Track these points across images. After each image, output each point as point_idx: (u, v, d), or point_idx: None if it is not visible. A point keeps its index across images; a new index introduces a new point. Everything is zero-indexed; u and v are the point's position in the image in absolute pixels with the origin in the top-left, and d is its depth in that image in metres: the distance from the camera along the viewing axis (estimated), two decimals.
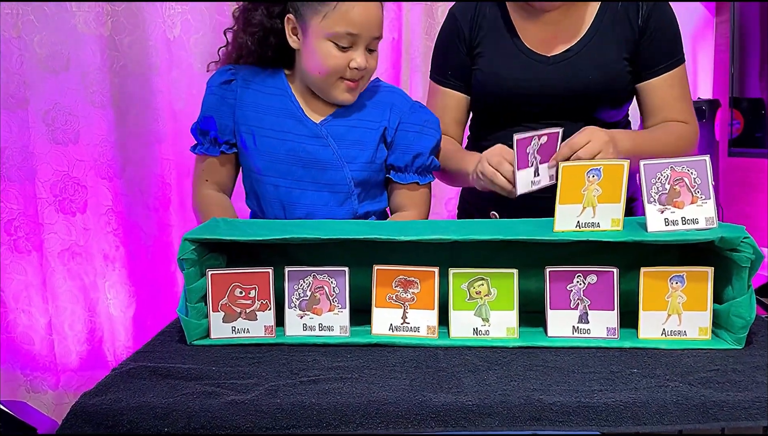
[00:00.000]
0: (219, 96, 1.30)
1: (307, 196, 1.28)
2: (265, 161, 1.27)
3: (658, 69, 1.32)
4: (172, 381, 0.84)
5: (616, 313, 0.98)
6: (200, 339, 1.00)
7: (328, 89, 1.27)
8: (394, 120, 1.31)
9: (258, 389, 0.82)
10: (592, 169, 0.99)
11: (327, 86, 1.26)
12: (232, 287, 0.99)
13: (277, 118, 1.28)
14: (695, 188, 0.99)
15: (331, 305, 1.00)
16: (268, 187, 1.29)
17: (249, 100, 1.29)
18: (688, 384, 0.83)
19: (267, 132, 1.28)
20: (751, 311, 0.94)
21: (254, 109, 1.29)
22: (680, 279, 0.97)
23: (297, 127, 1.28)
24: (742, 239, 0.94)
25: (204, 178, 1.33)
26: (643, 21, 1.31)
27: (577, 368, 0.89)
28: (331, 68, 1.23)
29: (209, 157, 1.32)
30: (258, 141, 1.27)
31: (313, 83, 1.28)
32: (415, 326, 1.01)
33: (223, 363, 0.91)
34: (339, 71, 1.24)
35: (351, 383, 0.84)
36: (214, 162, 1.32)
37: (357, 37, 1.22)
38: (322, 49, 1.22)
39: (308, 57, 1.25)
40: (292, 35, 1.27)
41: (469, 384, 0.84)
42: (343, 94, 1.27)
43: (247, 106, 1.29)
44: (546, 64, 1.32)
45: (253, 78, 1.32)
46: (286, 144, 1.27)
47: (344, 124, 1.30)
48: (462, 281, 1.00)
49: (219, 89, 1.30)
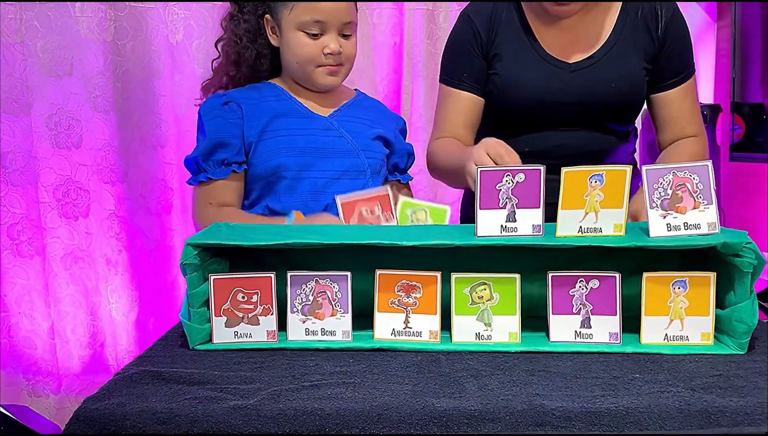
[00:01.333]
0: (222, 117, 1.31)
1: (330, 185, 1.30)
2: (287, 157, 1.29)
3: (674, 81, 1.33)
4: (175, 386, 0.84)
5: (618, 318, 0.98)
6: (203, 344, 1.00)
7: (309, 77, 1.32)
8: (390, 127, 1.40)
9: (260, 393, 0.82)
10: (595, 174, 0.99)
11: (308, 75, 1.32)
12: (234, 291, 0.99)
13: (286, 118, 1.31)
14: (697, 194, 0.99)
15: (333, 310, 1.00)
16: (292, 184, 1.29)
17: (254, 112, 1.32)
18: (690, 390, 0.83)
19: (281, 132, 1.31)
20: (753, 316, 0.94)
21: (262, 116, 1.31)
22: (682, 284, 0.97)
23: (307, 123, 1.32)
24: (745, 245, 0.94)
25: (207, 201, 1.31)
26: (663, 32, 1.31)
27: (579, 373, 0.89)
28: (306, 56, 1.30)
29: (215, 181, 1.30)
30: (275, 140, 1.29)
31: (297, 76, 1.34)
32: (418, 330, 1.01)
33: (225, 368, 0.91)
34: (314, 59, 1.30)
35: (353, 387, 0.84)
36: (221, 185, 1.31)
37: (325, 24, 1.28)
38: (295, 39, 1.29)
39: (286, 51, 1.32)
40: (272, 34, 1.34)
41: (472, 389, 0.84)
42: (325, 78, 1.32)
43: (255, 116, 1.32)
44: (567, 72, 1.32)
45: (247, 94, 1.35)
46: (301, 139, 1.31)
47: (350, 117, 1.36)
48: (464, 286, 1.00)
49: (221, 110, 1.31)
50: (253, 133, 1.30)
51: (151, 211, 1.98)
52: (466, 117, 1.39)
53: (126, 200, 1.94)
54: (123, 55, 1.89)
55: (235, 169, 1.30)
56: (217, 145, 1.29)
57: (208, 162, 1.29)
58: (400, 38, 2.12)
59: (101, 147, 1.90)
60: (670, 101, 1.34)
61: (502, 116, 1.39)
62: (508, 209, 1.00)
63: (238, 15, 1.35)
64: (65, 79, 1.84)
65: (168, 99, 1.95)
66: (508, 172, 0.99)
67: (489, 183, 1.00)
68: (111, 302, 1.96)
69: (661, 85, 1.34)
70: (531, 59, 1.33)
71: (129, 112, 1.92)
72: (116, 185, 1.92)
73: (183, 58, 1.95)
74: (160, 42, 1.92)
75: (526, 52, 1.33)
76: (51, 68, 1.83)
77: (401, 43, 2.12)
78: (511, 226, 1.00)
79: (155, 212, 1.98)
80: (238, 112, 1.31)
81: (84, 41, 1.84)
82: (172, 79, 1.95)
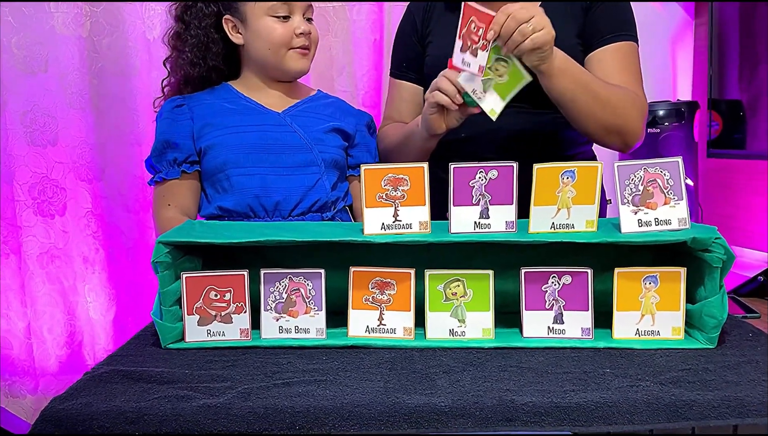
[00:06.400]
0: (172, 119, 1.33)
1: (280, 181, 1.31)
2: (236, 154, 1.30)
3: (604, 39, 1.29)
4: (145, 385, 0.84)
5: (590, 313, 0.99)
6: (175, 343, 0.99)
7: (281, 63, 1.34)
8: (351, 122, 1.42)
9: (231, 392, 0.81)
10: (566, 171, 0.99)
11: (280, 60, 1.33)
12: (206, 289, 0.99)
13: (236, 115, 1.33)
14: (668, 190, 0.99)
15: (307, 308, 1.00)
16: (240, 180, 1.30)
17: (206, 112, 1.34)
18: (659, 384, 0.83)
19: (232, 129, 1.31)
20: (722, 310, 0.95)
21: (213, 115, 1.33)
22: (653, 279, 0.98)
23: (260, 118, 1.33)
24: (714, 240, 0.95)
25: (166, 202, 1.33)
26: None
27: (550, 368, 0.90)
28: (278, 39, 1.31)
29: (169, 181, 1.32)
30: (225, 137, 1.29)
31: (269, 64, 1.34)
32: (392, 327, 1.01)
33: (196, 366, 0.90)
34: (286, 41, 1.32)
35: (325, 385, 0.84)
36: (175, 185, 1.33)
37: (292, 6, 1.32)
38: (265, 26, 1.31)
39: (255, 41, 1.33)
40: (233, 33, 1.35)
41: (443, 385, 0.84)
42: (297, 62, 1.34)
43: (205, 115, 1.33)
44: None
45: (201, 96, 1.37)
46: (252, 135, 1.31)
47: (304, 113, 1.36)
48: (438, 283, 1.00)
49: (171, 113, 1.34)
50: (201, 133, 1.32)
51: (129, 209, 1.96)
52: (408, 106, 1.41)
53: (103, 198, 1.92)
54: (99, 52, 1.87)
55: (186, 169, 1.31)
56: (165, 145, 1.31)
57: (161, 163, 1.30)
58: (380, 34, 2.11)
59: (77, 144, 1.87)
60: (599, 60, 1.29)
61: None
62: (482, 206, 1.00)
63: (185, 32, 1.36)
64: (40, 75, 1.82)
65: (145, 96, 1.92)
66: (481, 169, 1.00)
67: (462, 179, 1.00)
68: (88, 301, 1.94)
69: (590, 46, 1.30)
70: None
71: (105, 110, 1.90)
72: (93, 183, 1.90)
73: (160, 54, 1.90)
74: (136, 38, 1.89)
75: (453, 31, 1.33)
76: (26, 64, 1.80)
77: (381, 40, 2.11)
78: (484, 222, 1.01)
79: (133, 210, 1.96)
80: (187, 114, 1.33)
81: (59, 37, 1.82)
82: (149, 76, 1.93)
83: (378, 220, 1.01)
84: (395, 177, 1.00)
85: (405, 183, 1.00)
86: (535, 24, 1.09)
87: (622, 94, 1.26)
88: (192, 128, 1.32)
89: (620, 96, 1.26)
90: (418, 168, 1.00)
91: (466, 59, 1.13)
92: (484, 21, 1.12)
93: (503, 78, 1.16)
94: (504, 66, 1.16)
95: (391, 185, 1.00)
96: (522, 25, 1.08)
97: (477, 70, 1.14)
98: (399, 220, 1.01)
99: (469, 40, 1.13)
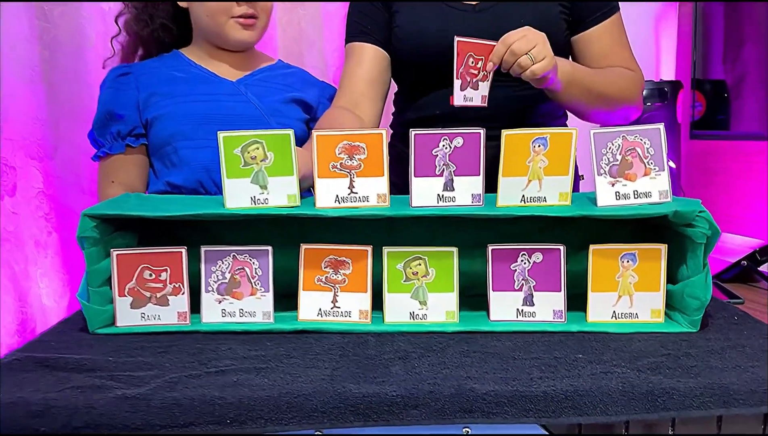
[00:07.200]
0: (115, 88, 1.23)
1: None
2: (184, 125, 1.19)
3: (595, 17, 1.23)
4: (59, 374, 0.74)
5: (563, 294, 0.90)
6: (104, 327, 0.89)
7: (222, 32, 1.23)
8: (313, 93, 1.32)
9: (155, 381, 0.72)
10: (538, 138, 0.90)
11: (220, 28, 1.23)
12: (140, 268, 0.89)
13: (185, 84, 1.22)
14: (648, 159, 0.91)
15: (252, 289, 0.91)
16: (189, 153, 1.20)
17: (152, 80, 1.23)
18: (636, 370, 0.75)
19: (180, 98, 1.20)
20: (706, 291, 0.87)
21: (161, 84, 1.22)
22: (632, 257, 0.90)
23: (211, 88, 1.22)
24: (698, 213, 0.87)
25: (109, 179, 1.23)
26: None
27: (517, 354, 0.81)
28: (216, 6, 1.21)
29: (113, 156, 1.22)
30: (173, 107, 1.18)
31: (210, 34, 1.25)
32: (346, 310, 0.92)
33: (123, 353, 0.81)
34: (225, 8, 1.21)
35: (265, 373, 0.75)
36: (119, 160, 1.23)
37: None
38: None
39: (194, 6, 1.23)
40: None
41: (397, 373, 0.75)
42: (240, 32, 1.23)
43: (152, 84, 1.23)
44: (471, 13, 1.22)
45: (149, 64, 1.27)
46: (203, 105, 1.21)
47: (261, 82, 1.25)
48: (397, 261, 0.91)
49: (114, 82, 1.24)
50: (147, 103, 1.21)
51: (84, 189, 1.85)
52: (368, 69, 1.26)
53: (55, 178, 1.81)
54: (51, 21, 1.75)
55: (131, 142, 1.21)
56: (108, 117, 1.21)
57: (104, 136, 1.19)
58: None
59: (27, 120, 1.76)
60: (591, 39, 1.24)
61: (410, 75, 1.29)
62: (446, 177, 0.91)
63: None
64: None
65: (101, 70, 1.81)
66: (445, 136, 0.91)
67: (424, 148, 0.91)
68: (41, 287, 1.84)
69: (582, 23, 1.24)
70: (431, 5, 1.24)
71: (58, 83, 1.78)
72: (44, 162, 1.79)
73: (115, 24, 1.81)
74: (91, 7, 1.78)
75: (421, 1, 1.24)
76: None
77: None
78: (448, 195, 0.92)
79: (88, 191, 1.85)
80: (132, 83, 1.23)
81: (6, 4, 1.70)
82: (105, 48, 1.80)
83: (332, 192, 0.91)
84: (351, 144, 0.91)
85: (361, 151, 0.91)
86: (535, 54, 1.03)
87: (623, 81, 1.22)
88: (137, 98, 1.22)
89: (622, 85, 1.22)
90: (377, 134, 0.91)
91: (468, 95, 1.07)
92: (484, 52, 1.05)
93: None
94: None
95: (347, 153, 0.91)
96: (521, 58, 1.03)
97: (480, 101, 1.07)
98: (355, 192, 0.91)
99: (468, 75, 1.06)
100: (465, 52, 1.05)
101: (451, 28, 1.19)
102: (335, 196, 0.92)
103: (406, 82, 1.32)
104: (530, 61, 1.03)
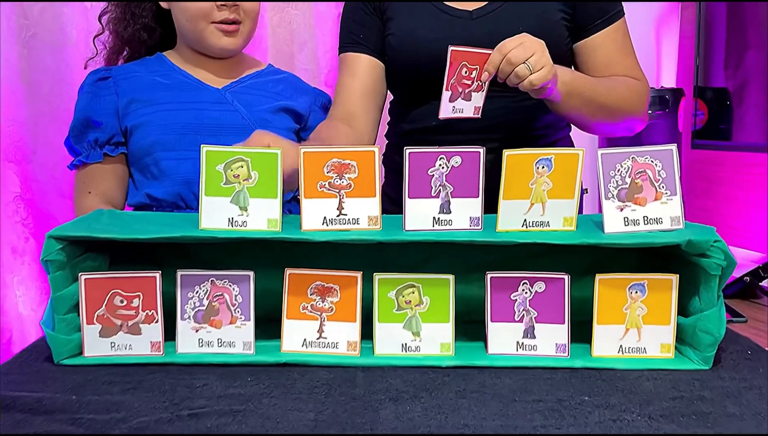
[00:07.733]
0: (93, 93, 1.16)
1: None
2: (166, 135, 1.12)
3: (598, 24, 1.17)
4: (16, 416, 0.67)
5: (566, 327, 0.84)
6: (71, 357, 0.82)
7: (203, 38, 1.16)
8: (305, 101, 1.25)
9: (120, 427, 0.65)
10: (542, 158, 0.84)
11: (200, 34, 1.16)
12: (111, 294, 0.82)
13: (170, 91, 1.14)
14: (659, 183, 0.85)
15: (232, 317, 0.84)
16: (170, 164, 1.13)
17: (133, 86, 1.16)
18: (647, 418, 0.69)
19: (163, 106, 1.13)
20: (720, 326, 0.81)
21: (142, 90, 1.15)
22: (641, 288, 0.84)
23: (196, 95, 1.15)
24: (713, 243, 0.80)
25: (86, 189, 1.16)
26: None
27: (518, 395, 0.75)
28: (195, 9, 1.14)
29: (90, 166, 1.15)
30: (154, 115, 1.11)
31: (190, 39, 1.18)
32: (333, 341, 0.85)
33: (89, 389, 0.74)
34: (205, 12, 1.14)
35: (242, 417, 0.68)
36: (97, 169, 1.16)
37: None
38: None
39: (174, 9, 1.17)
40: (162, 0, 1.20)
41: (387, 418, 0.69)
42: (221, 39, 1.16)
43: (132, 90, 1.16)
44: (468, 20, 1.15)
45: (130, 68, 1.20)
46: (186, 114, 1.14)
47: (249, 90, 1.18)
48: (389, 289, 0.85)
49: (93, 87, 1.17)
50: (127, 110, 1.14)
51: (64, 193, 1.77)
52: (362, 80, 1.20)
53: (34, 182, 1.74)
54: (30, 18, 1.68)
55: (108, 151, 1.14)
56: (85, 124, 1.14)
57: (81, 144, 1.12)
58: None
59: (5, 122, 1.69)
60: (595, 47, 1.18)
61: (405, 84, 1.22)
62: (442, 199, 0.85)
63: None
64: None
65: (82, 69, 1.73)
66: (442, 155, 0.84)
67: (419, 167, 0.84)
68: (18, 295, 1.77)
69: (584, 30, 1.18)
70: (425, 11, 1.17)
71: (37, 83, 1.71)
72: (22, 165, 1.72)
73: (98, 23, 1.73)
74: (72, 5, 1.70)
75: (419, 4, 1.17)
76: None
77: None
78: (445, 218, 0.85)
79: (68, 195, 1.76)
80: (112, 88, 1.16)
81: None
82: (86, 47, 1.73)
83: (319, 213, 0.85)
84: (340, 162, 0.84)
85: (352, 170, 0.84)
86: (533, 63, 0.96)
87: (627, 92, 1.16)
88: (116, 105, 1.15)
89: (626, 95, 1.16)
90: (368, 152, 0.84)
91: (458, 106, 1.00)
92: (479, 62, 0.98)
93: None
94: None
95: (336, 172, 0.84)
96: (519, 67, 0.96)
97: (473, 112, 1.01)
98: (344, 214, 0.85)
99: (460, 86, 0.99)
100: (458, 62, 0.98)
101: (446, 35, 1.13)
102: (323, 218, 0.85)
103: (401, 91, 1.25)
104: (528, 70, 0.96)
